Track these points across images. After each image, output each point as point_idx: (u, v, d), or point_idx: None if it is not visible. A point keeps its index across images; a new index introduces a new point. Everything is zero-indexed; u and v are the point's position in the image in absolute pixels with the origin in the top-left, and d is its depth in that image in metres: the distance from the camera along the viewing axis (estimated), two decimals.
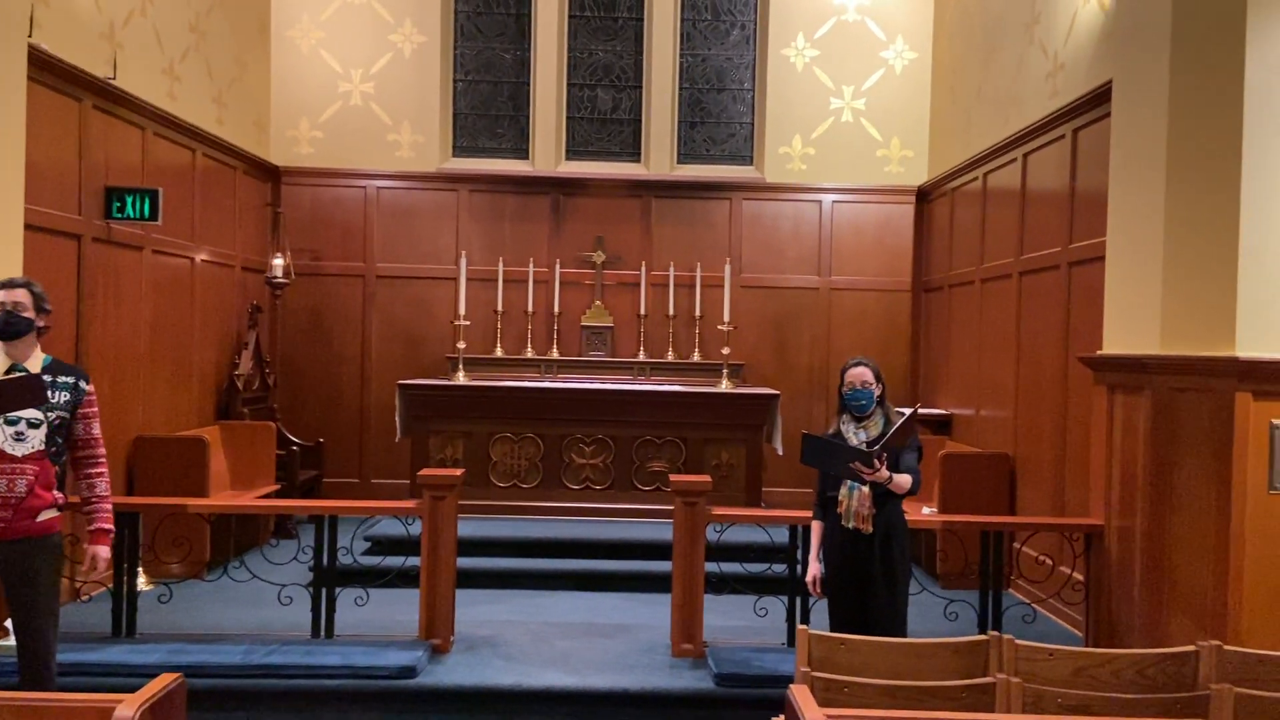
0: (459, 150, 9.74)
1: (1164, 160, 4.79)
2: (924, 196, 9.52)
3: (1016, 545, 6.75)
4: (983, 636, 3.09)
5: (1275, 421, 4.38)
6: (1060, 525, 5.83)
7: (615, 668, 5.25)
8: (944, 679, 2.99)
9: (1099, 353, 5.40)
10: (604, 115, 9.84)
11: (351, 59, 9.45)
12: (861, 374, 4.33)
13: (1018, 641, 3.07)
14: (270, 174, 9.32)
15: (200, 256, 7.91)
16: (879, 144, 9.60)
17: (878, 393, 4.36)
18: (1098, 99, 5.97)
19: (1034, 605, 6.06)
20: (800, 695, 2.77)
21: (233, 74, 8.56)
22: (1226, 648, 3.14)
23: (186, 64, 7.68)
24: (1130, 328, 5.10)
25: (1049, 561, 6.29)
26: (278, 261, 8.94)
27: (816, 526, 4.52)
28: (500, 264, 9.15)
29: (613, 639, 5.74)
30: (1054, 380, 6.61)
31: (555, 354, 9.23)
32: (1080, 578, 5.58)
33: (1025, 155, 7.22)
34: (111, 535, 4.23)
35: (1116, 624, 5.18)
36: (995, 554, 5.56)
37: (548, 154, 9.62)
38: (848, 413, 4.38)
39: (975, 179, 8.20)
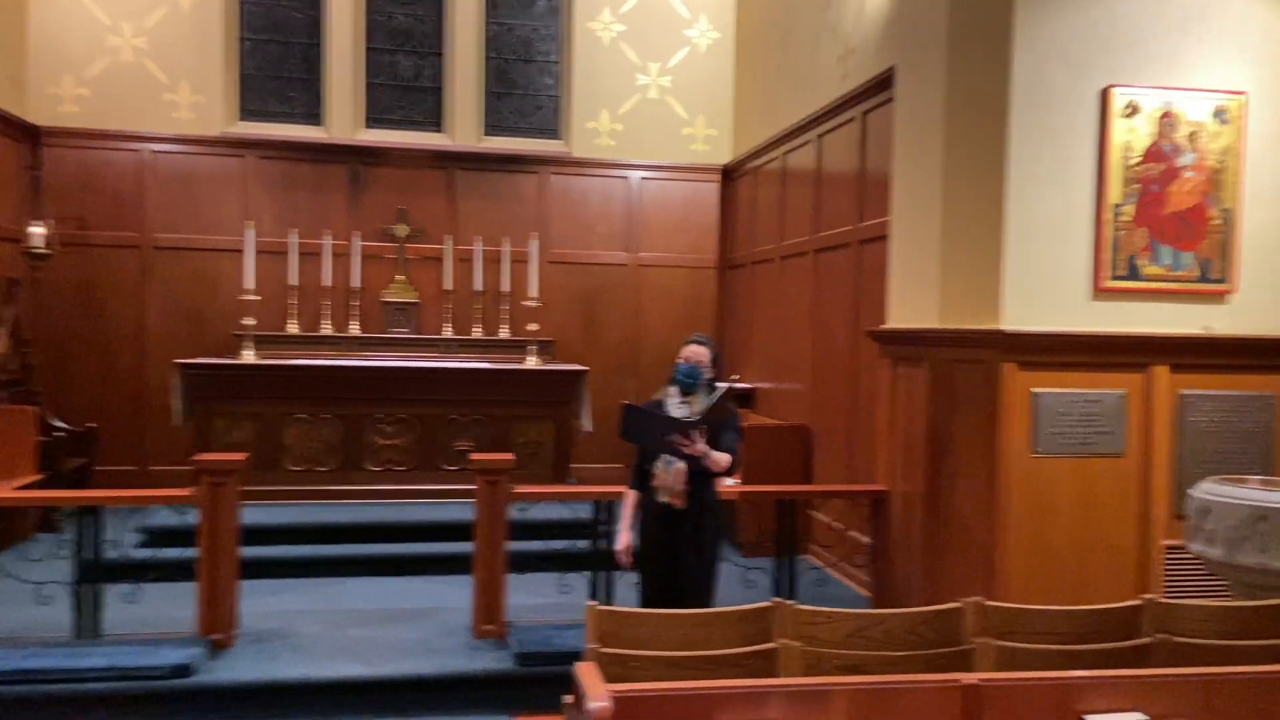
0: (246, 114, 9.13)
1: (941, 145, 5.03)
2: (729, 175, 9.71)
3: (812, 512, 7.01)
4: (766, 604, 3.15)
5: (1036, 390, 4.71)
6: (848, 492, 6.09)
7: (413, 653, 5.09)
8: (729, 647, 3.03)
9: (883, 327, 5.65)
10: (406, 82, 9.47)
11: (121, 10, 8.67)
12: (699, 352, 4.42)
13: (798, 606, 3.14)
14: (29, 134, 8.45)
15: None
16: (685, 122, 9.70)
17: (708, 375, 4.42)
18: (883, 83, 6.21)
19: (827, 569, 6.32)
20: (586, 672, 2.73)
21: None
22: (989, 603, 3.33)
23: None
24: (911, 303, 5.36)
25: (840, 527, 6.57)
26: (38, 230, 8.13)
27: (631, 496, 4.52)
28: (294, 236, 8.67)
29: (412, 624, 5.57)
30: (846, 354, 6.88)
31: (355, 331, 8.84)
32: (868, 541, 5.84)
33: (820, 136, 7.46)
34: None
35: (900, 584, 5.46)
36: (790, 522, 5.75)
37: (344, 121, 9.18)
38: (676, 386, 4.42)
39: (776, 159, 8.42)
